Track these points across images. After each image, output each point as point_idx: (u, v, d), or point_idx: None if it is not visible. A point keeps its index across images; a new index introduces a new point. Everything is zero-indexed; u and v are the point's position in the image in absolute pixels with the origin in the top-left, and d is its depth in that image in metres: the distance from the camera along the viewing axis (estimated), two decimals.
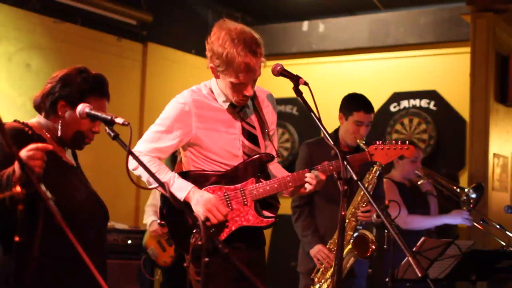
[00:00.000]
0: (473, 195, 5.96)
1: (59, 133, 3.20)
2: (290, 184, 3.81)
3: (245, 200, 3.79)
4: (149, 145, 3.83)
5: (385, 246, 4.76)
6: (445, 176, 6.79)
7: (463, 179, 8.38)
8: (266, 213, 3.82)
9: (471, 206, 5.95)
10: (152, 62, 9.35)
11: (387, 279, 4.66)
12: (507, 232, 5.73)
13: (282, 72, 3.62)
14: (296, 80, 3.51)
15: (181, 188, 3.72)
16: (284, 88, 4.16)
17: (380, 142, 4.09)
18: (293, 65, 8.89)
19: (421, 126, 9.12)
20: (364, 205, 4.82)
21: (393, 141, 4.12)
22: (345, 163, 3.22)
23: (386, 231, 4.61)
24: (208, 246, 2.56)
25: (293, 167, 8.93)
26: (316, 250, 5.00)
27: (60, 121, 3.20)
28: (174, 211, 3.78)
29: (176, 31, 9.77)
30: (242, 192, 3.79)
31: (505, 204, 6.52)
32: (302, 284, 5.22)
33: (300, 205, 5.21)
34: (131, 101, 9.05)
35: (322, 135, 5.16)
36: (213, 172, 3.83)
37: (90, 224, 3.18)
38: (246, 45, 3.73)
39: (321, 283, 4.91)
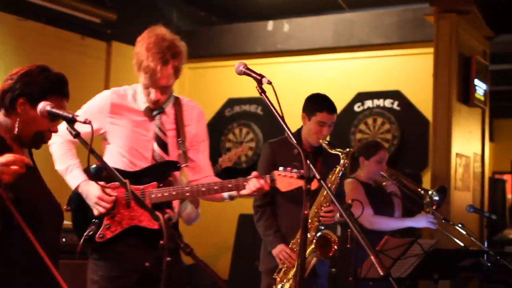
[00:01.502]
0: (436, 197, 6.00)
1: (16, 130, 3.15)
2: (203, 190, 3.95)
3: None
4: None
5: (348, 245, 4.79)
6: (408, 175, 6.84)
7: (426, 179, 8.44)
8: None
9: (433, 207, 5.99)
10: (116, 61, 9.30)
11: (350, 278, 4.68)
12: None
13: (246, 71, 3.62)
14: (259, 79, 3.51)
15: (74, 179, 4.02)
16: (248, 88, 4.15)
17: (287, 170, 4.06)
18: (257, 65, 8.89)
19: (384, 126, 9.17)
20: (326, 205, 4.84)
21: (298, 171, 4.06)
22: (308, 162, 3.22)
23: (349, 230, 4.64)
24: (170, 245, 2.56)
25: (257, 167, 8.91)
26: (279, 250, 4.99)
27: (18, 119, 3.15)
28: (80, 197, 3.99)
29: (140, 30, 9.64)
30: (142, 193, 3.94)
31: (467, 204, 6.59)
32: (264, 283, 5.19)
33: (262, 205, 5.19)
34: None
35: (286, 134, 5.17)
36: (121, 169, 3.96)
37: (47, 224, 3.15)
38: (158, 52, 4.08)
39: (283, 283, 4.92)
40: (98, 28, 9.07)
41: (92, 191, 3.94)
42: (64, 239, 6.71)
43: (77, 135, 2.91)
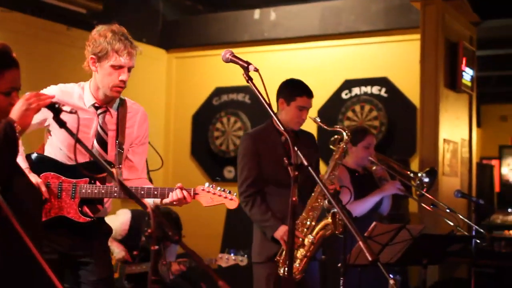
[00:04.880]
0: (426, 179, 6.01)
1: None
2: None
3: (74, 194, 4.09)
4: None
5: (336, 232, 4.81)
6: (396, 162, 6.85)
7: (414, 165, 8.46)
8: (87, 211, 4.12)
9: (424, 190, 6.00)
10: None
11: (339, 265, 4.69)
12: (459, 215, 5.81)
13: (232, 59, 3.62)
14: (246, 66, 3.51)
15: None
16: (235, 77, 4.16)
17: (211, 186, 4.15)
18: (245, 53, 8.88)
19: (372, 113, 9.18)
20: (331, 183, 4.94)
21: (222, 190, 4.17)
22: (296, 148, 3.23)
23: (338, 216, 4.65)
24: (158, 234, 2.56)
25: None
26: (283, 231, 4.99)
27: None
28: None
29: (126, 20, 9.64)
30: (74, 187, 4.09)
31: (455, 189, 6.60)
32: (264, 274, 5.16)
33: (251, 194, 5.19)
34: None
35: (273, 121, 5.18)
36: (58, 162, 4.13)
37: (31, 212, 3.15)
38: (122, 36, 4.23)
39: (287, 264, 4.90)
40: (84, 18, 9.03)
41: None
42: None
43: (63, 124, 2.91)
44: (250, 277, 5.33)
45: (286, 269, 4.88)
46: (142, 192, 4.06)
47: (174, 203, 4.06)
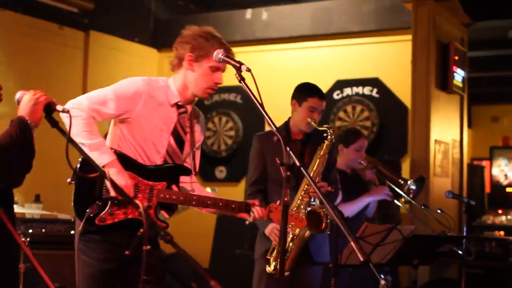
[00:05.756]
0: (413, 187, 6.01)
1: None
2: (208, 202, 4.05)
3: (151, 197, 3.95)
4: (93, 104, 3.90)
5: (328, 232, 4.81)
6: (387, 162, 6.86)
7: (406, 166, 8.48)
8: (164, 214, 4.05)
9: (411, 196, 6.00)
10: (94, 50, 9.26)
11: (330, 265, 4.70)
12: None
13: (224, 59, 3.63)
14: (238, 66, 3.51)
15: (105, 155, 3.85)
16: (227, 76, 4.15)
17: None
18: (236, 53, 8.87)
19: (364, 113, 9.20)
20: (316, 180, 4.93)
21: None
22: (288, 149, 3.24)
23: (329, 217, 4.65)
24: (150, 233, 2.56)
25: (237, 155, 8.99)
26: (270, 228, 5.02)
27: None
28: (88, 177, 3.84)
29: (118, 19, 9.69)
30: (151, 189, 3.95)
31: (446, 190, 6.62)
32: (257, 270, 5.19)
33: (253, 192, 5.23)
34: (73, 90, 8.94)
35: (265, 122, 5.20)
36: (135, 161, 3.98)
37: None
38: (222, 39, 4.24)
39: (276, 262, 4.91)
40: (76, 17, 9.02)
41: (123, 176, 3.87)
42: (43, 230, 6.70)
43: (55, 124, 2.90)
44: None
45: (274, 267, 4.91)
46: (221, 204, 4.06)
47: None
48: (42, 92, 3.09)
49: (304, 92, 5.25)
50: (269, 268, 4.97)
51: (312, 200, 4.94)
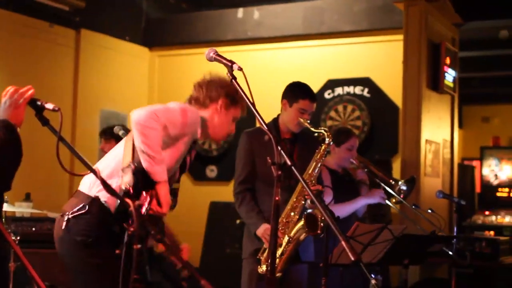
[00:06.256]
0: (404, 187, 6.02)
1: None
2: None
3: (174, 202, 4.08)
4: (167, 121, 4.01)
5: (311, 234, 4.81)
6: (378, 162, 6.86)
7: (396, 165, 8.48)
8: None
9: (401, 196, 6.00)
10: (85, 49, 9.24)
11: (320, 265, 4.69)
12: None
13: (216, 57, 3.61)
14: (230, 65, 3.50)
15: (165, 170, 3.97)
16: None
17: None
18: (228, 52, 8.85)
19: (355, 113, 9.21)
20: (312, 183, 4.92)
21: None
22: (279, 148, 3.23)
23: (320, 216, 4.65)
24: (140, 232, 2.55)
25: (228, 154, 8.95)
26: (263, 229, 4.99)
27: None
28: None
29: (109, 18, 9.67)
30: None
31: (437, 189, 6.63)
32: (247, 270, 5.18)
33: (242, 191, 5.22)
34: (64, 88, 8.94)
35: (257, 121, 5.19)
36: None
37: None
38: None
39: (268, 263, 4.90)
40: (67, 15, 8.99)
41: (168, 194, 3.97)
42: (34, 228, 6.68)
43: (46, 122, 2.89)
44: None
45: (266, 267, 4.90)
46: None
47: None
48: (18, 91, 3.06)
49: (296, 93, 5.22)
50: (261, 269, 4.97)
51: (303, 201, 4.94)
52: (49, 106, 2.93)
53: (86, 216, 3.97)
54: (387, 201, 5.94)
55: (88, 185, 4.05)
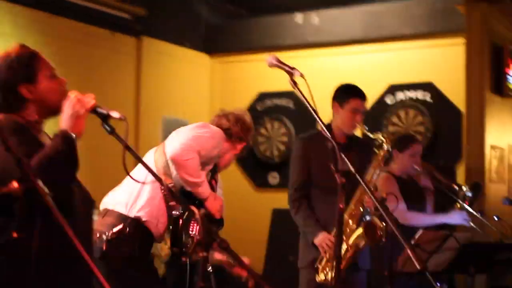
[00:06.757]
0: (469, 194, 5.93)
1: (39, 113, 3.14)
2: None
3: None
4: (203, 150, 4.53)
5: (383, 239, 4.75)
6: (442, 168, 6.76)
7: (460, 172, 8.36)
8: None
9: (466, 203, 5.92)
10: (146, 56, 9.32)
11: (385, 273, 4.64)
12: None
13: (277, 64, 3.60)
14: (291, 71, 3.49)
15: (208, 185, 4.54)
16: (280, 82, 4.14)
17: None
18: (287, 58, 8.82)
19: (417, 118, 9.09)
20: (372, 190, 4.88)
21: None
22: (342, 155, 3.20)
23: (384, 223, 4.60)
24: (206, 240, 2.55)
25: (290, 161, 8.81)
26: (321, 238, 4.96)
27: (32, 102, 3.14)
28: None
29: (170, 25, 9.74)
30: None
31: (503, 196, 6.51)
32: (305, 279, 5.15)
33: (298, 198, 5.19)
34: (126, 96, 9.02)
35: (319, 127, 5.16)
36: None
37: (80, 215, 3.12)
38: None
39: (326, 271, 4.87)
40: (128, 23, 9.08)
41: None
42: None
43: (112, 131, 2.90)
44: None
45: (324, 276, 4.86)
46: None
47: None
48: (80, 101, 3.04)
49: (345, 93, 5.20)
50: (319, 278, 4.93)
51: (361, 209, 4.88)
52: (115, 114, 2.93)
53: (126, 237, 4.11)
54: (471, 223, 5.86)
55: (125, 205, 4.17)
